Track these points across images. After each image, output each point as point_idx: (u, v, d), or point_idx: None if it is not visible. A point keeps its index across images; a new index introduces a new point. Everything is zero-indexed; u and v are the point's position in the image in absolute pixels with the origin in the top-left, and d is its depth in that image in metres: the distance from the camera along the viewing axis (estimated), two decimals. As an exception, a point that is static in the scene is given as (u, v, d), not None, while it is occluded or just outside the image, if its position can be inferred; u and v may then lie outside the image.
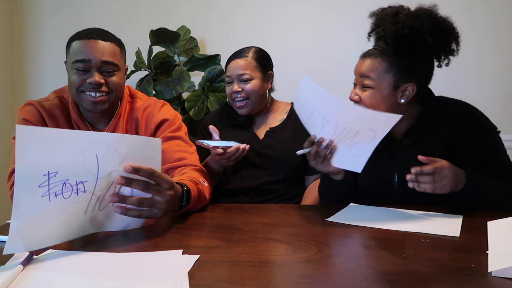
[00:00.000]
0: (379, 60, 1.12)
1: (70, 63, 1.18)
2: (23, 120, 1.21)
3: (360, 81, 1.15)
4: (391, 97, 1.13)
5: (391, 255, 0.76)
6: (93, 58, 1.15)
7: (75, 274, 0.67)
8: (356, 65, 1.18)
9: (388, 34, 1.11)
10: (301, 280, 0.64)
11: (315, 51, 2.28)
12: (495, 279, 0.65)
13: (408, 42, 1.09)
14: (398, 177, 1.20)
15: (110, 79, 1.19)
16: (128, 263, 0.71)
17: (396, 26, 1.09)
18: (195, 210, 1.09)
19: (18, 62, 2.56)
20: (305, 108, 1.10)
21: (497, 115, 2.10)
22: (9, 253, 0.73)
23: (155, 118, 1.29)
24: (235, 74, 1.52)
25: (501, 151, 1.17)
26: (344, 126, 1.02)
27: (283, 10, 2.31)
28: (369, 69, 1.12)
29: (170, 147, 1.25)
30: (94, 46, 1.16)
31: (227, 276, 0.66)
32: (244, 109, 1.54)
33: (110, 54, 1.18)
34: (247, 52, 1.56)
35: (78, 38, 1.18)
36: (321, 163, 1.10)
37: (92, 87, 1.17)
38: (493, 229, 0.90)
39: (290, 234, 0.90)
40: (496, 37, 2.14)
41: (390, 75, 1.11)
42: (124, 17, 2.44)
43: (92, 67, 1.16)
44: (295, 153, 1.13)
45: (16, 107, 2.54)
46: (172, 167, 1.22)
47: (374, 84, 1.12)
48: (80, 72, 1.17)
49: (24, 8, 2.54)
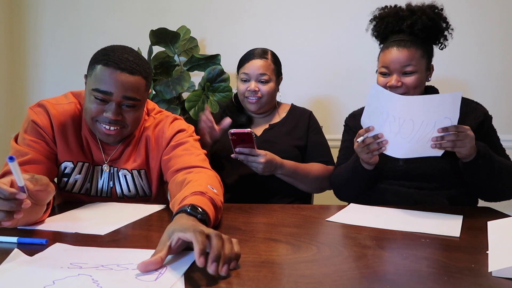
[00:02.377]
0: (414, 48, 1.27)
1: (90, 89, 1.09)
2: (31, 122, 1.15)
3: (400, 69, 1.28)
4: (425, 78, 1.32)
5: (391, 255, 0.76)
6: (115, 92, 1.07)
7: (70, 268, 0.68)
8: (386, 56, 1.30)
9: (417, 25, 1.27)
10: (301, 280, 0.64)
11: (315, 51, 2.28)
12: (495, 279, 0.65)
13: (431, 32, 1.30)
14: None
15: (128, 114, 1.13)
16: (125, 261, 0.72)
17: (421, 19, 1.27)
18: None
19: (18, 63, 2.56)
20: (377, 116, 1.15)
21: (503, 114, 2.13)
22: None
23: (166, 135, 1.23)
24: (255, 73, 1.55)
25: (495, 133, 1.32)
26: (421, 120, 1.07)
27: (283, 10, 2.31)
28: (410, 57, 1.27)
29: (176, 152, 1.20)
30: (119, 80, 1.07)
31: (227, 276, 0.66)
32: (255, 105, 1.57)
33: (134, 90, 1.10)
34: (267, 54, 1.59)
35: (105, 64, 1.07)
36: (366, 153, 1.19)
37: (108, 121, 1.11)
38: (493, 229, 0.90)
39: (290, 234, 0.90)
40: (504, 33, 2.14)
41: (424, 59, 1.29)
42: (124, 17, 2.44)
43: (112, 100, 1.09)
44: (292, 146, 1.14)
45: (16, 107, 2.57)
46: (178, 168, 1.14)
47: (416, 69, 1.27)
48: (99, 101, 1.09)
49: (24, 8, 2.54)
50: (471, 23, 2.13)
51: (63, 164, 1.19)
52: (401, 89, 1.28)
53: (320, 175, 1.50)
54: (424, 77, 1.30)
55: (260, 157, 1.36)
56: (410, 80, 1.27)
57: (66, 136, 1.18)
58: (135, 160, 1.23)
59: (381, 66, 1.32)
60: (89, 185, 1.23)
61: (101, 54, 1.10)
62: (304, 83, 2.28)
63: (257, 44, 1.74)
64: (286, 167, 1.45)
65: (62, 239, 0.84)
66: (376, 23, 1.37)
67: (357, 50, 2.21)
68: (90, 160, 1.22)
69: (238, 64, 1.62)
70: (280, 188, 1.51)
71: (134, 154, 1.24)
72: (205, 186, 0.96)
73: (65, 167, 1.19)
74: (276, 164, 1.42)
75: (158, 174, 1.25)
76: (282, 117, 1.64)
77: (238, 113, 1.64)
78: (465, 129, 1.08)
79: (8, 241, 0.82)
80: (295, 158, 1.51)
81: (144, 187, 1.25)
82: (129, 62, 1.09)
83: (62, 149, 1.17)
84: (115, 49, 1.11)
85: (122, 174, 1.23)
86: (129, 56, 1.10)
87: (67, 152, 1.18)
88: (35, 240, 0.82)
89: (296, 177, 1.48)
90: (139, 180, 1.24)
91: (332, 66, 2.25)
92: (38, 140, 1.14)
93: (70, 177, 1.20)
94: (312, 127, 1.62)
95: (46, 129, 1.15)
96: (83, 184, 1.22)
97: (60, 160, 1.19)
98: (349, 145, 1.40)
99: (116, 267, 0.69)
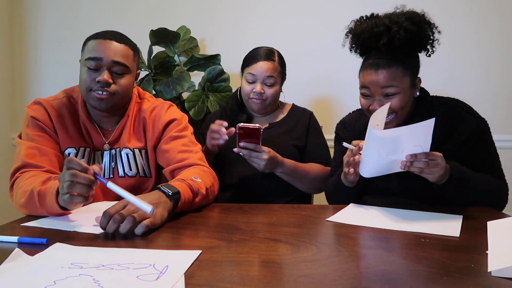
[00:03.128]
0: (394, 67, 1.18)
1: (83, 60, 1.20)
2: (31, 118, 1.22)
3: (381, 92, 1.20)
4: (411, 94, 1.24)
5: (391, 255, 0.76)
6: (104, 57, 1.18)
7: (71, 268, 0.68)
8: (365, 78, 1.21)
9: (395, 42, 1.16)
10: (301, 280, 0.64)
11: (316, 51, 2.28)
12: (495, 279, 0.65)
13: (413, 45, 1.20)
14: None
15: (118, 80, 1.21)
16: (126, 260, 0.72)
17: (399, 33, 1.16)
18: (195, 207, 1.11)
19: (18, 62, 2.56)
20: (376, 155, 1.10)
21: (501, 115, 2.13)
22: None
23: (162, 119, 1.31)
24: (262, 75, 1.53)
25: (488, 143, 1.25)
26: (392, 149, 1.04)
27: (284, 10, 2.31)
28: (390, 79, 1.18)
29: (174, 146, 1.28)
30: (108, 46, 1.18)
31: (227, 276, 0.66)
32: (259, 106, 1.57)
33: (122, 56, 1.20)
34: (274, 55, 1.57)
35: (94, 38, 1.21)
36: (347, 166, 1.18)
37: (100, 86, 1.18)
38: (493, 229, 0.90)
39: (290, 234, 0.90)
40: (502, 37, 2.14)
41: (407, 77, 1.20)
42: (124, 17, 2.44)
43: (103, 66, 1.18)
44: (290, 145, 1.13)
45: (16, 107, 2.57)
46: (175, 168, 1.24)
47: (399, 90, 1.19)
48: (91, 70, 1.19)
49: (24, 8, 2.54)
50: (471, 23, 2.14)
51: (66, 151, 1.25)
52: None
53: (318, 175, 1.51)
54: (409, 94, 1.22)
55: (263, 154, 1.36)
56: (394, 103, 1.19)
57: (65, 125, 1.25)
58: (136, 140, 1.31)
59: (361, 86, 1.24)
60: None
61: (90, 35, 1.23)
62: (304, 83, 2.28)
63: (257, 44, 1.74)
64: (286, 165, 1.45)
65: (63, 239, 0.84)
66: (351, 38, 1.28)
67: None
68: (90, 146, 1.28)
69: (244, 62, 1.61)
70: (279, 188, 1.51)
71: (134, 134, 1.31)
72: (189, 177, 1.11)
73: (68, 153, 1.25)
74: (277, 162, 1.42)
75: (154, 155, 1.33)
76: (282, 117, 1.64)
77: (238, 111, 1.64)
78: (435, 157, 1.04)
79: (8, 240, 0.83)
80: (292, 157, 1.51)
81: (144, 166, 1.32)
82: (116, 33, 1.23)
83: (63, 137, 1.25)
84: (103, 30, 1.25)
85: (124, 153, 1.29)
86: (116, 32, 1.24)
87: (69, 139, 1.25)
88: (36, 240, 0.82)
89: (295, 176, 1.48)
90: (140, 159, 1.30)
91: (333, 66, 2.25)
92: (41, 133, 1.22)
93: None
94: (312, 128, 1.63)
95: (45, 121, 1.22)
96: None
97: (63, 148, 1.25)
98: (338, 157, 1.38)
99: (117, 266, 0.69)
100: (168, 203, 0.97)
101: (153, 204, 0.90)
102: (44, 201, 1.00)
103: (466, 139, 1.21)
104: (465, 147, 1.21)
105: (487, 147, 1.24)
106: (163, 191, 0.99)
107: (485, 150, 1.24)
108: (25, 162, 1.14)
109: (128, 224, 0.86)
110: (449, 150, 1.19)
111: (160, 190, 0.99)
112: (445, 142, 1.22)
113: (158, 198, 0.96)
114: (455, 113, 1.25)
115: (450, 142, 1.22)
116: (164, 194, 0.98)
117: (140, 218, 0.88)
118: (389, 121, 1.22)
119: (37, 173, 1.12)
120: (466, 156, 1.20)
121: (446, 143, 1.22)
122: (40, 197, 1.00)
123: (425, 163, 1.03)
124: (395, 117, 1.22)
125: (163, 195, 0.98)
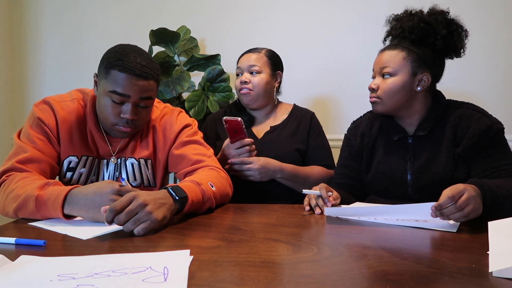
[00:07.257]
0: (397, 50, 1.22)
1: (106, 91, 1.14)
2: (37, 119, 1.18)
3: (379, 71, 1.24)
4: (409, 84, 1.22)
5: (391, 255, 0.76)
6: (133, 95, 1.14)
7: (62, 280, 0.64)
8: (375, 60, 1.28)
9: (406, 28, 1.21)
10: (302, 280, 0.64)
11: (316, 51, 2.27)
12: (496, 279, 0.65)
13: (423, 34, 1.21)
14: (410, 168, 1.23)
15: (142, 114, 1.19)
16: (126, 264, 0.71)
17: (412, 21, 1.21)
18: (203, 211, 1.10)
19: (18, 62, 2.56)
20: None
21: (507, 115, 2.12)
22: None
23: (174, 128, 1.30)
24: (245, 65, 1.58)
25: (505, 147, 1.19)
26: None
27: (284, 10, 2.30)
28: (388, 59, 1.22)
29: (188, 150, 1.27)
30: (136, 84, 1.13)
31: (227, 276, 0.66)
32: (247, 96, 1.58)
33: (149, 91, 1.17)
34: (261, 49, 1.63)
35: (120, 70, 1.12)
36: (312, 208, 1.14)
37: (125, 122, 1.17)
38: (494, 229, 0.90)
39: (291, 234, 0.90)
40: (508, 37, 2.13)
41: (408, 62, 1.21)
42: (124, 17, 2.44)
43: (129, 101, 1.15)
44: (294, 150, 1.12)
45: (16, 107, 2.57)
46: (190, 170, 1.24)
47: (394, 71, 1.21)
48: (115, 103, 1.15)
49: (24, 8, 2.54)
50: (479, 23, 2.12)
51: (67, 158, 1.22)
52: (374, 93, 1.24)
53: (320, 178, 1.49)
54: (406, 82, 1.20)
55: (253, 164, 1.38)
56: (385, 84, 1.21)
57: (70, 132, 1.21)
58: (143, 150, 1.29)
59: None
60: (94, 178, 1.26)
61: (114, 57, 1.14)
62: (305, 83, 2.27)
63: (257, 44, 1.74)
64: (286, 170, 1.45)
65: (62, 240, 0.84)
66: (393, 25, 1.29)
67: (360, 50, 2.20)
68: (95, 154, 1.26)
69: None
70: (281, 193, 1.50)
71: (141, 144, 1.29)
72: (206, 181, 1.11)
73: (69, 161, 1.22)
74: (273, 168, 1.42)
75: (164, 165, 1.31)
76: (283, 119, 1.62)
77: (239, 113, 1.63)
78: (460, 193, 0.92)
79: (6, 242, 0.82)
80: (295, 162, 1.50)
81: (149, 176, 1.29)
82: (144, 68, 1.14)
83: (66, 145, 1.21)
84: (127, 52, 1.15)
85: (129, 163, 1.27)
86: (142, 60, 1.15)
87: (71, 147, 1.22)
88: (34, 242, 0.81)
89: (296, 181, 1.47)
90: (145, 169, 1.28)
91: (334, 65, 2.25)
92: (42, 137, 1.18)
93: (75, 171, 1.23)
94: (313, 129, 1.61)
95: (50, 126, 1.19)
96: (88, 177, 1.25)
97: (63, 156, 1.21)
98: (347, 164, 1.37)
99: (112, 273, 0.66)
100: (172, 206, 0.97)
101: (157, 204, 0.92)
102: (43, 206, 0.98)
103: (481, 137, 1.16)
104: (480, 145, 1.16)
105: (502, 146, 1.18)
106: (170, 194, 0.99)
107: (501, 150, 1.18)
108: (15, 166, 1.11)
109: (132, 226, 0.88)
110: (460, 152, 1.18)
111: (168, 191, 0.99)
112: (457, 145, 1.20)
113: (163, 199, 0.96)
114: (468, 115, 1.21)
115: (462, 144, 1.18)
116: (171, 197, 0.98)
117: (142, 219, 0.89)
118: (372, 101, 1.25)
119: (27, 175, 1.08)
120: (481, 152, 1.16)
121: (458, 146, 1.19)
122: (38, 202, 0.98)
123: (454, 207, 0.92)
124: (380, 102, 1.23)
125: (169, 197, 0.98)
